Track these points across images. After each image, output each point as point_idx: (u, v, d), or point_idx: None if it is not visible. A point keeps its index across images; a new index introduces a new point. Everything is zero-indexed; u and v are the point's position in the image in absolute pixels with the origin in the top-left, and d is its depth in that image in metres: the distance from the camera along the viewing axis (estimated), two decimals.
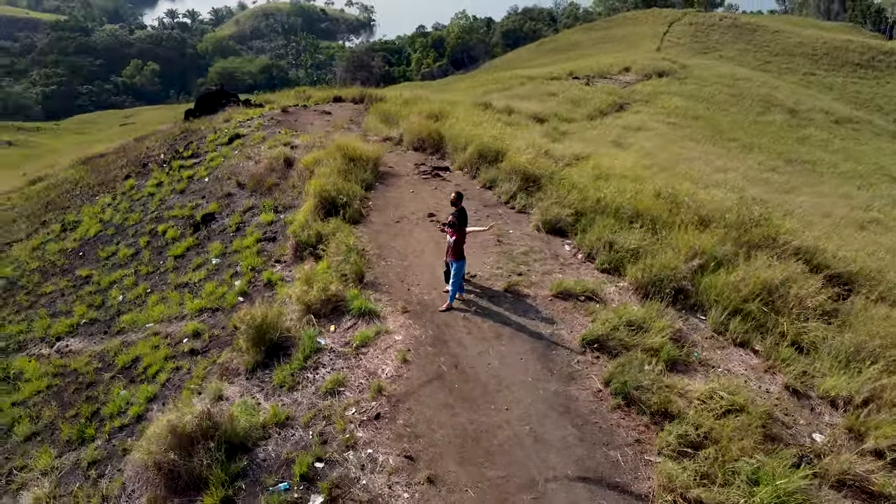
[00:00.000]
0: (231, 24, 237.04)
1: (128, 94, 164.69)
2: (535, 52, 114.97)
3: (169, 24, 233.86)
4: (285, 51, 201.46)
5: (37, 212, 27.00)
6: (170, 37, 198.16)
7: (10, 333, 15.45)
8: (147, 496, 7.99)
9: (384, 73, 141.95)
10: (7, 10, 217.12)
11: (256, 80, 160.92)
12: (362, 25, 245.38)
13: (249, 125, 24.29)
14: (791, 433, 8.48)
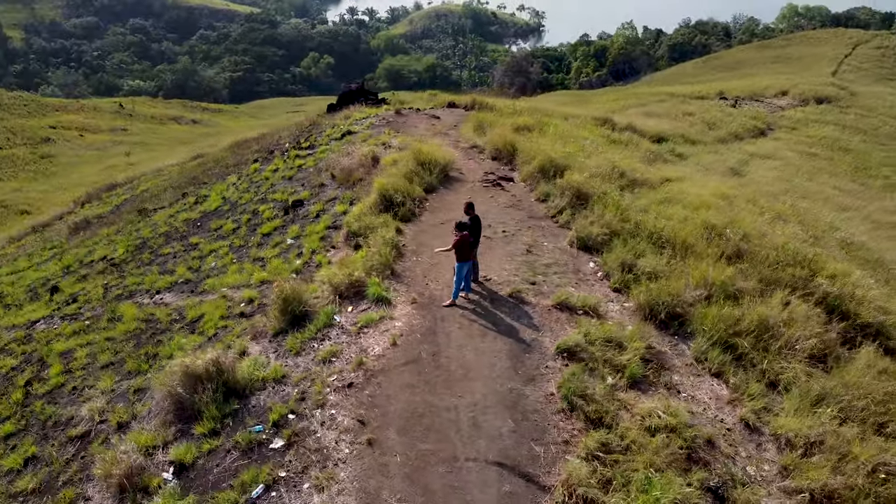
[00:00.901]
0: (405, 23, 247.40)
1: (303, 84, 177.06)
2: (699, 67, 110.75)
3: (348, 21, 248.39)
4: (452, 51, 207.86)
5: (183, 184, 31.05)
6: (346, 33, 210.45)
7: (128, 284, 18.48)
8: (160, 418, 9.96)
9: (541, 80, 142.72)
10: (211, 1, 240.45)
11: (421, 79, 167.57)
12: (531, 30, 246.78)
13: (362, 123, 26.55)
14: (723, 461, 8.87)
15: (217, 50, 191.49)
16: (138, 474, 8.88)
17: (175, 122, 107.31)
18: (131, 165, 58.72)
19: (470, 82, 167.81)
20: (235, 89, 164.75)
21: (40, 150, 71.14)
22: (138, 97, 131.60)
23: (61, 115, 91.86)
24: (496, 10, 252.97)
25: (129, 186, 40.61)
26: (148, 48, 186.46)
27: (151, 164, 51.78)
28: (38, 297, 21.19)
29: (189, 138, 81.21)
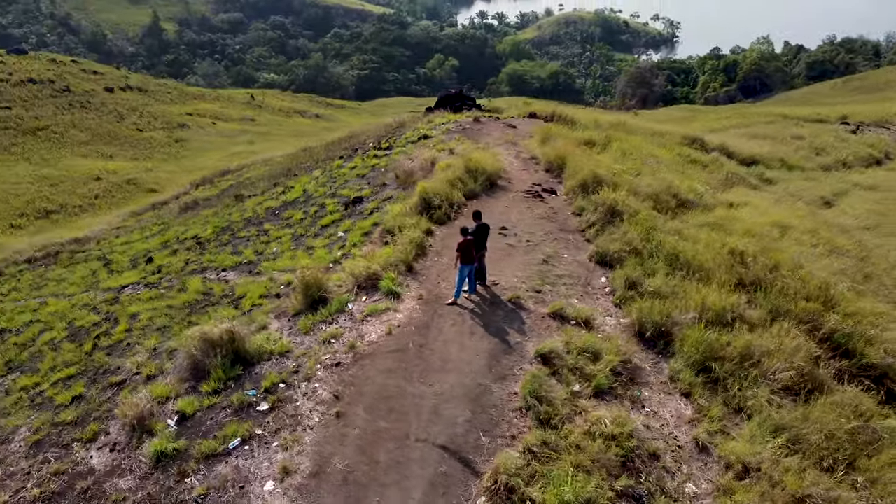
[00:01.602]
0: (533, 29, 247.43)
1: (426, 85, 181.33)
2: (836, 88, 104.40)
3: (478, 24, 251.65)
4: (578, 59, 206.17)
5: (279, 174, 33.57)
6: (473, 36, 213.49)
7: (203, 260, 20.65)
8: (177, 375, 11.58)
9: (665, 93, 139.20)
10: (346, 1, 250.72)
11: (543, 85, 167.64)
12: (664, 41, 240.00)
13: (440, 129, 27.81)
14: (659, 474, 9.29)
15: (348, 48, 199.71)
16: (148, 418, 10.49)
17: (300, 116, 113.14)
18: (251, 153, 62.96)
19: (593, 92, 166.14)
20: (362, 87, 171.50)
21: (175, 135, 77.48)
22: (270, 90, 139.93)
23: (198, 103, 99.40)
24: (628, 19, 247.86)
25: (238, 173, 44.08)
26: (285, 44, 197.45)
27: (267, 153, 55.54)
28: (136, 266, 23.94)
29: (309, 132, 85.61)
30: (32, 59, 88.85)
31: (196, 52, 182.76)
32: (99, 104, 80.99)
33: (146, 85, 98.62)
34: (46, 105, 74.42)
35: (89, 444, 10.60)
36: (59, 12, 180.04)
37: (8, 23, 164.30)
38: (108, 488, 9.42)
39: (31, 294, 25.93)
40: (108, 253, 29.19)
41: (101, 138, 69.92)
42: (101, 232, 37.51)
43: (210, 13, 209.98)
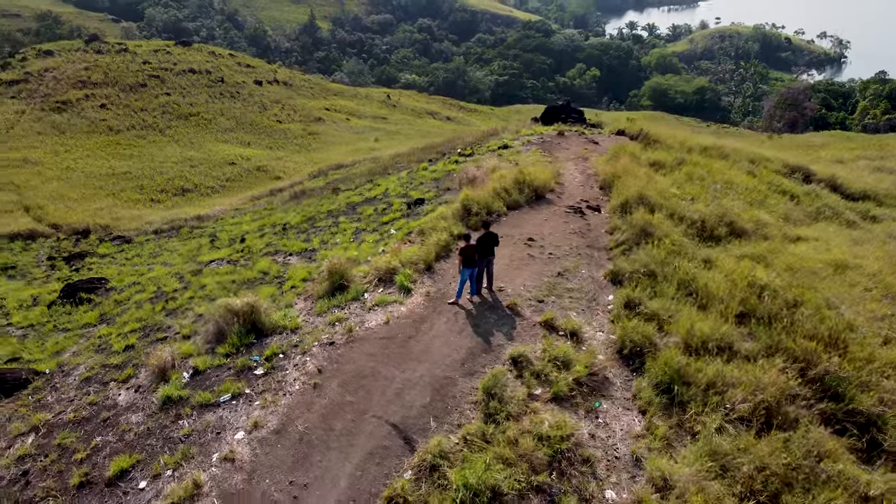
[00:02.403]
0: (685, 42, 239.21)
1: (564, 94, 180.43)
2: None
3: (626, 35, 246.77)
4: (729, 76, 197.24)
5: (375, 172, 35.75)
6: (618, 46, 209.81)
7: (279, 245, 22.89)
8: (203, 337, 13.51)
9: (817, 117, 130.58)
10: (494, 6, 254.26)
11: (687, 101, 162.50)
12: (829, 61, 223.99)
13: (521, 140, 28.72)
14: (586, 480, 9.92)
15: (491, 53, 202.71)
16: (169, 369, 12.44)
17: (431, 117, 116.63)
18: (372, 150, 66.34)
19: (741, 111, 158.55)
20: (498, 92, 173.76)
21: (310, 128, 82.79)
22: (407, 90, 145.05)
23: (337, 99, 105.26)
24: (791, 36, 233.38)
25: (348, 168, 46.97)
26: (429, 47, 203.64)
27: (386, 151, 58.46)
28: (231, 245, 26.75)
29: (435, 133, 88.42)
30: (195, 51, 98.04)
31: (345, 51, 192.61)
32: (247, 95, 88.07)
33: (291, 79, 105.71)
34: (201, 93, 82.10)
35: (122, 384, 12.72)
36: (228, 8, 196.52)
37: (184, 17, 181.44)
38: (122, 420, 11.41)
39: (147, 260, 29.58)
40: (218, 231, 32.54)
41: (243, 127, 76.16)
42: (221, 212, 41.50)
43: (363, 14, 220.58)
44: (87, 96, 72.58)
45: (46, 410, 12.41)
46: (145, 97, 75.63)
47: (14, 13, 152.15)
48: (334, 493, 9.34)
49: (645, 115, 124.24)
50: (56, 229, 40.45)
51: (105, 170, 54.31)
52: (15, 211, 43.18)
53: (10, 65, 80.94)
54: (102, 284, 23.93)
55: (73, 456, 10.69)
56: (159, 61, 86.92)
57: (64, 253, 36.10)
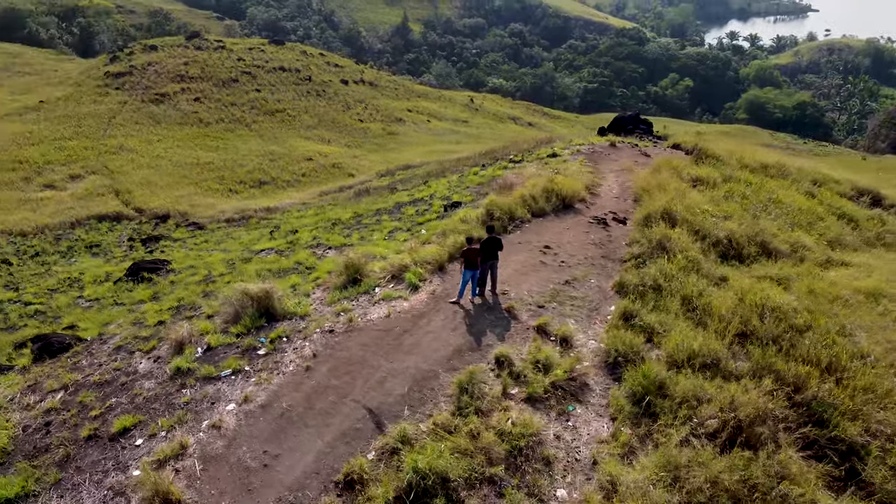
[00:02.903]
0: (789, 54, 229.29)
1: (655, 104, 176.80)
2: None
3: (725, 45, 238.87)
4: (835, 91, 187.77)
5: (432, 174, 36.74)
6: (715, 57, 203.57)
7: (322, 239, 24.15)
8: (221, 317, 14.72)
9: None
10: (589, 13, 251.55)
11: (786, 116, 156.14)
12: None
13: (572, 149, 28.96)
14: (541, 478, 10.36)
15: (581, 60, 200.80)
16: (186, 343, 13.69)
17: (513, 122, 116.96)
18: (446, 153, 67.41)
19: (845, 129, 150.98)
20: (586, 99, 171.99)
21: (390, 128, 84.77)
22: (491, 94, 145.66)
23: (420, 101, 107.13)
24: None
25: (414, 169, 48.18)
26: (519, 51, 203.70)
27: (455, 154, 59.44)
28: (286, 236, 28.30)
29: (513, 138, 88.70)
30: (287, 50, 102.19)
31: (435, 53, 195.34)
32: (332, 94, 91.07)
33: (377, 80, 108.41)
34: (289, 91, 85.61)
35: (145, 354, 14.08)
36: (325, 9, 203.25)
37: (283, 16, 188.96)
38: (136, 385, 12.70)
39: (212, 246, 31.58)
40: (282, 223, 34.30)
41: (325, 124, 78.92)
42: (290, 205, 43.54)
43: (455, 17, 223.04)
44: (183, 90, 77.22)
45: (78, 372, 13.89)
46: (236, 92, 79.66)
47: (130, 9, 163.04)
48: (301, 465, 10.21)
49: (734, 129, 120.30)
50: (140, 213, 43.57)
51: (191, 159, 57.77)
52: (106, 194, 46.76)
53: (118, 58, 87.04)
54: (164, 266, 25.87)
55: (90, 412, 12.03)
56: (253, 59, 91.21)
57: (143, 235, 38.89)
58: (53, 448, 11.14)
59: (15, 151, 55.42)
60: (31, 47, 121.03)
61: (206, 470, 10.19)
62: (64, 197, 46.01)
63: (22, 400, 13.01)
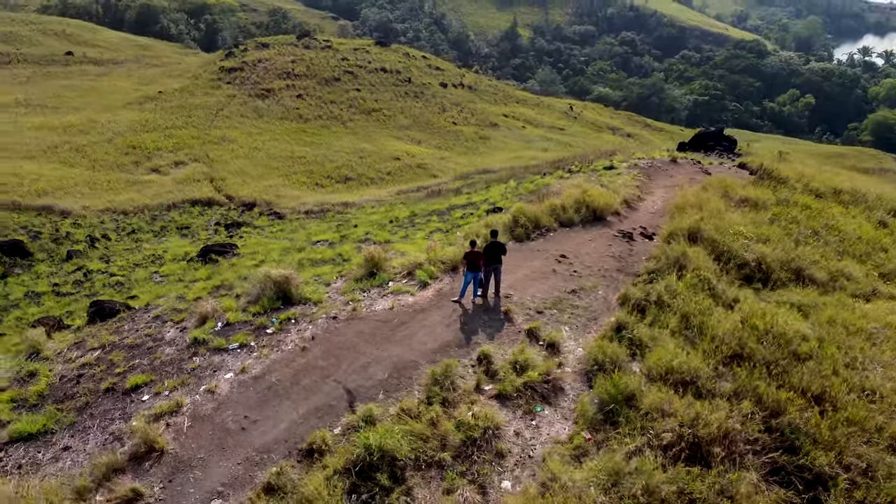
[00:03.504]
0: None
1: (770, 121, 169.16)
2: None
3: (857, 61, 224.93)
4: None
5: (500, 179, 37.45)
6: (842, 73, 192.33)
7: (371, 234, 25.48)
8: (245, 298, 16.20)
9: None
10: (707, 23, 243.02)
11: None
12: None
13: (630, 162, 28.97)
14: (490, 469, 11.01)
15: (694, 71, 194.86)
16: (210, 317, 15.22)
17: (610, 132, 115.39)
18: (531, 158, 67.77)
19: None
20: (695, 113, 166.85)
21: (483, 132, 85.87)
22: (591, 103, 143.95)
23: (517, 106, 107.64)
24: None
25: (491, 174, 48.98)
26: (629, 60, 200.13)
27: (543, 160, 59.73)
28: (347, 230, 29.91)
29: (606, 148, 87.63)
30: (391, 52, 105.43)
31: (542, 59, 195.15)
32: (430, 96, 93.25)
33: (477, 84, 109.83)
34: (387, 91, 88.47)
35: (175, 324, 15.75)
36: (437, 12, 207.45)
37: (395, 18, 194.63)
38: (158, 350, 14.33)
39: (283, 235, 33.70)
40: (353, 218, 36.08)
41: (419, 125, 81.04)
42: (366, 201, 45.43)
43: (565, 24, 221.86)
44: (287, 86, 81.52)
45: (116, 335, 15.74)
46: (337, 91, 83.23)
47: (253, 7, 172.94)
48: (273, 432, 11.37)
49: (851, 151, 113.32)
50: (230, 200, 46.76)
51: (285, 153, 61.10)
52: (203, 181, 50.42)
53: (232, 54, 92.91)
54: (231, 249, 28.03)
55: (115, 369, 13.73)
56: (356, 59, 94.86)
57: (228, 221, 41.80)
58: (77, 396, 12.86)
59: (130, 137, 60.62)
60: (161, 41, 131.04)
61: (192, 427, 11.54)
62: (166, 181, 50.01)
63: (66, 354, 14.95)
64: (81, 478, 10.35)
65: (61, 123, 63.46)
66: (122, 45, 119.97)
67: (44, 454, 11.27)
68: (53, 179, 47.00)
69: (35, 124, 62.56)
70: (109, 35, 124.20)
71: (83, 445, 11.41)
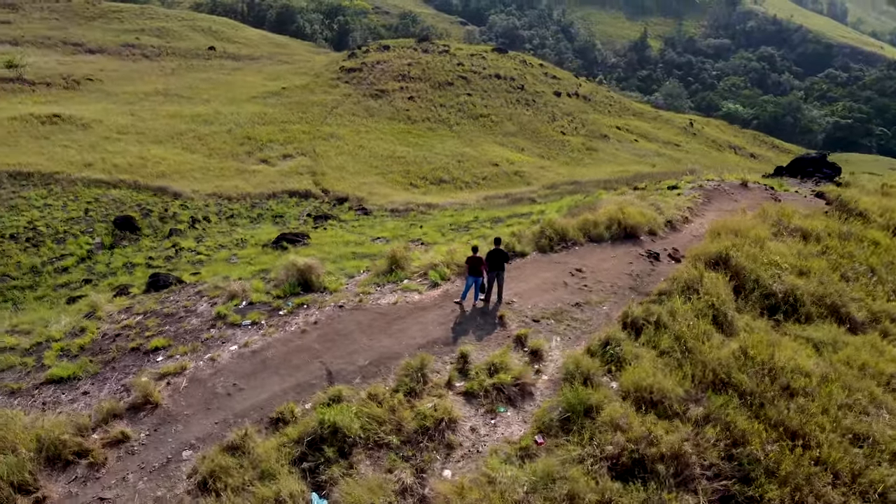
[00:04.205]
0: None
1: None
2: None
3: None
4: None
5: (572, 191, 37.66)
6: None
7: (424, 236, 26.69)
8: (274, 282, 17.83)
9: None
10: (860, 40, 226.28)
11: None
12: None
13: (696, 184, 28.51)
14: (436, 456, 11.79)
15: (838, 92, 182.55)
16: (238, 295, 16.95)
17: (732, 152, 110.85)
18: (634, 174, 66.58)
19: None
20: (834, 136, 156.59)
21: (590, 144, 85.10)
22: (719, 120, 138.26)
23: (632, 119, 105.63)
24: None
25: (577, 185, 48.98)
26: (765, 77, 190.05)
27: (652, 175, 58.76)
28: (411, 231, 31.35)
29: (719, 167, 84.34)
30: (508, 58, 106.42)
31: (671, 72, 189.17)
32: (541, 104, 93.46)
33: (593, 94, 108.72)
34: (498, 97, 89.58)
35: (210, 299, 17.62)
36: (565, 21, 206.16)
37: (521, 24, 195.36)
38: (187, 321, 16.18)
39: (359, 230, 35.63)
40: (429, 219, 37.56)
41: (525, 133, 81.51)
42: (450, 204, 46.79)
43: (699, 37, 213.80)
44: (401, 88, 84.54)
45: (161, 304, 17.82)
46: (448, 95, 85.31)
47: (385, 10, 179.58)
48: (253, 400, 12.77)
49: None
50: (325, 193, 49.55)
51: (387, 152, 63.62)
52: (304, 174, 53.66)
53: (355, 55, 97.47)
54: (303, 239, 30.15)
55: (146, 333, 15.70)
56: (472, 64, 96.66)
57: (319, 213, 44.41)
58: (109, 351, 14.89)
59: (248, 129, 65.33)
60: (296, 39, 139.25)
61: (187, 388, 13.17)
62: (271, 172, 53.67)
63: (116, 316, 17.17)
64: (86, 417, 12.20)
65: (191, 113, 69.41)
66: (260, 43, 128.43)
67: (66, 396, 13.27)
68: (173, 164, 51.79)
69: (169, 112, 68.86)
70: (250, 33, 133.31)
71: (98, 392, 13.32)
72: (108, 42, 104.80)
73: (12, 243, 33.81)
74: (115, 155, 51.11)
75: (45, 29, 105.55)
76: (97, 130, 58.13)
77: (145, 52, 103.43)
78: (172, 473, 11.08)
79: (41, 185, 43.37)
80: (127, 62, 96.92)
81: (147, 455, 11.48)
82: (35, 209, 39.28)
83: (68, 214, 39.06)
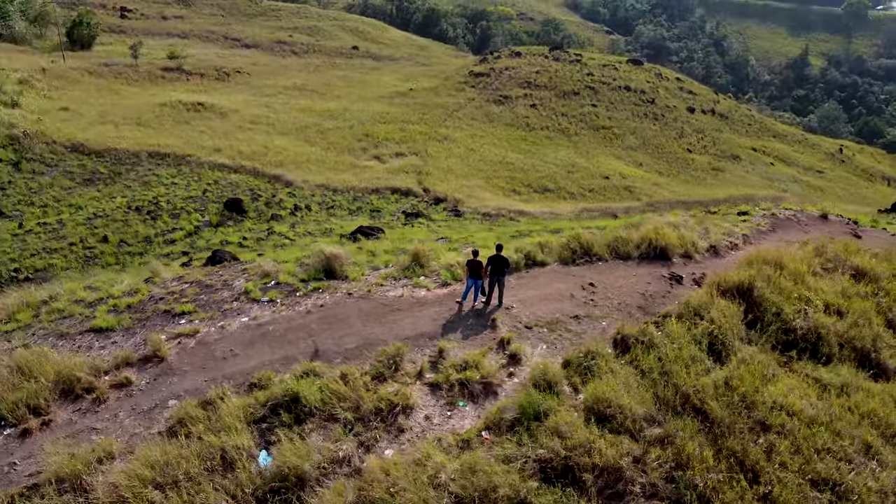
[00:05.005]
0: None
1: None
2: None
3: None
4: None
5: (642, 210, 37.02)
6: None
7: (478, 240, 27.64)
8: (303, 267, 19.57)
9: None
10: None
11: None
12: None
13: (771, 212, 27.45)
14: (383, 435, 12.90)
15: None
16: (268, 275, 18.85)
17: (885, 183, 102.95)
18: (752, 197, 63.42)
19: None
20: None
21: (718, 164, 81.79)
22: (877, 149, 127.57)
23: (773, 141, 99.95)
24: None
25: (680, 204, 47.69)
26: None
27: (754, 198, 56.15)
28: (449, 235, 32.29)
29: (856, 200, 78.66)
30: (642, 71, 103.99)
31: (831, 93, 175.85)
32: (671, 120, 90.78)
33: (730, 112, 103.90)
34: (625, 110, 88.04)
35: (249, 276, 19.65)
36: (718, 34, 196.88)
37: (669, 36, 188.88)
38: (219, 292, 18.23)
39: (436, 228, 37.03)
40: (510, 225, 38.39)
41: (647, 148, 79.66)
42: (542, 213, 47.19)
43: (870, 56, 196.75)
44: (525, 95, 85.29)
45: (208, 276, 20.11)
46: (572, 105, 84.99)
47: (530, 17, 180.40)
48: (243, 366, 14.43)
49: None
50: (426, 192, 51.47)
51: (497, 157, 64.67)
52: (410, 173, 55.93)
53: (486, 60, 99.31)
54: (377, 232, 32.03)
55: (182, 299, 17.94)
56: (602, 75, 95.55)
57: (413, 210, 46.35)
58: (146, 311, 17.23)
59: (369, 126, 68.82)
60: (438, 42, 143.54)
61: (194, 349, 15.10)
62: (381, 169, 56.40)
63: (168, 283, 19.62)
64: (104, 362, 14.41)
65: (320, 108, 74.13)
66: (403, 44, 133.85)
67: (99, 343, 15.61)
68: (292, 154, 55.86)
69: (300, 106, 73.94)
70: (395, 34, 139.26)
71: (125, 343, 15.56)
72: (263, 38, 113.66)
73: (135, 214, 38.38)
74: (243, 142, 55.94)
75: (211, 24, 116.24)
76: (232, 119, 63.74)
77: (294, 48, 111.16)
78: (155, 417, 12.91)
79: (173, 166, 48.56)
80: (277, 57, 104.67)
81: (141, 399, 13.42)
82: (163, 186, 44.16)
83: (189, 193, 43.56)
